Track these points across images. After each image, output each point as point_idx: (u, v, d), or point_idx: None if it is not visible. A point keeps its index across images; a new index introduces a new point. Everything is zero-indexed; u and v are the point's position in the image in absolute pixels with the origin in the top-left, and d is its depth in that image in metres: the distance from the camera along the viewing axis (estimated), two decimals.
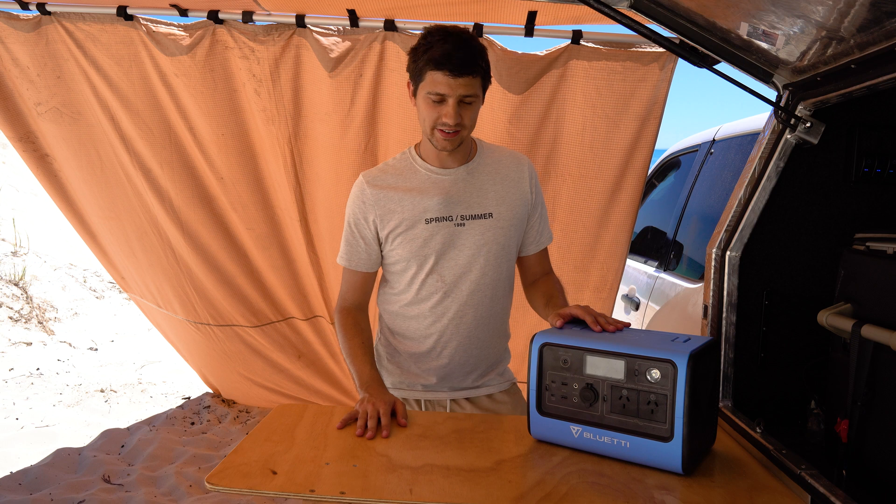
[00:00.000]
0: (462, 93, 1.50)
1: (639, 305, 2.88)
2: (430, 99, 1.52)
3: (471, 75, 1.50)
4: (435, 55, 1.48)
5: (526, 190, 1.71)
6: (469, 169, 1.67)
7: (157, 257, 3.04)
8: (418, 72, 1.53)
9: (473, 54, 1.51)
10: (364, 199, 1.66)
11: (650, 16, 1.56)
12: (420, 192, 1.63)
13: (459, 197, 1.64)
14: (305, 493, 1.17)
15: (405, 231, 1.63)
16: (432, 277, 1.65)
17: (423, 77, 1.52)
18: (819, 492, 1.14)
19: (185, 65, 2.55)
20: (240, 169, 2.75)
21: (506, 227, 1.67)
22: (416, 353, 1.71)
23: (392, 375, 1.76)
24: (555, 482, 1.21)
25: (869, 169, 1.60)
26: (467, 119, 1.55)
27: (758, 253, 1.64)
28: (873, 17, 1.14)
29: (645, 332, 1.41)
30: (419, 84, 1.55)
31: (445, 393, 1.73)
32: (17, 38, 2.60)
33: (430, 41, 1.50)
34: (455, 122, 1.52)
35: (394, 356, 1.76)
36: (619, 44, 2.39)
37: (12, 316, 5.05)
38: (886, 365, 1.34)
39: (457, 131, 1.55)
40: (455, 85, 1.49)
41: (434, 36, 1.51)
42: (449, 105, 1.51)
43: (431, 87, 1.51)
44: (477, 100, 1.56)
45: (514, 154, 1.75)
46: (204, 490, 2.83)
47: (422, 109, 1.56)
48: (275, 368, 3.41)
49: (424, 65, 1.50)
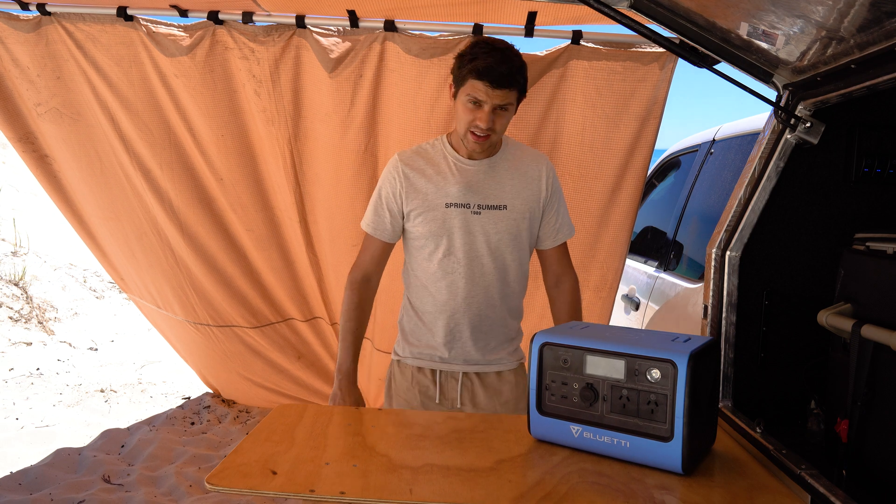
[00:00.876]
0: (497, 102, 1.67)
1: (639, 305, 2.88)
2: (467, 103, 1.69)
3: (508, 88, 1.66)
4: (479, 66, 1.63)
5: (542, 187, 1.85)
6: (491, 162, 1.82)
7: (157, 258, 3.04)
8: (461, 77, 1.69)
9: (513, 71, 1.66)
10: (397, 174, 1.82)
11: (650, 16, 1.56)
12: (444, 178, 1.80)
13: (479, 187, 1.79)
14: (305, 493, 1.17)
15: (426, 211, 1.79)
16: (449, 258, 1.81)
17: (465, 83, 1.68)
18: (819, 492, 1.14)
19: (185, 65, 2.55)
20: (239, 170, 2.75)
21: (518, 219, 1.82)
22: (432, 326, 1.85)
23: (411, 346, 1.90)
24: (555, 482, 1.21)
25: (869, 169, 1.60)
26: (499, 126, 1.72)
27: (758, 253, 1.64)
28: (873, 17, 1.14)
29: (645, 332, 1.41)
30: (460, 87, 1.70)
31: (459, 366, 1.87)
32: (17, 39, 2.60)
33: (476, 52, 1.67)
34: (487, 126, 1.69)
35: (414, 331, 1.89)
36: (619, 44, 2.39)
37: (12, 316, 5.05)
38: (886, 365, 1.34)
39: (487, 136, 1.71)
40: (492, 95, 1.65)
41: (481, 47, 1.67)
42: (484, 111, 1.68)
43: (471, 92, 1.67)
44: (511, 109, 1.73)
45: (535, 152, 1.90)
46: (204, 490, 2.83)
47: (459, 111, 1.73)
48: (274, 369, 3.41)
49: (468, 72, 1.66)
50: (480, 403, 1.87)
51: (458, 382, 1.87)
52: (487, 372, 1.89)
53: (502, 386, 1.89)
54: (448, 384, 1.87)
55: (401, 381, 1.90)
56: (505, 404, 1.89)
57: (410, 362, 1.89)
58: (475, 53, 1.66)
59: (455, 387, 1.86)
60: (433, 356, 1.87)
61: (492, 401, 1.88)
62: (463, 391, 1.87)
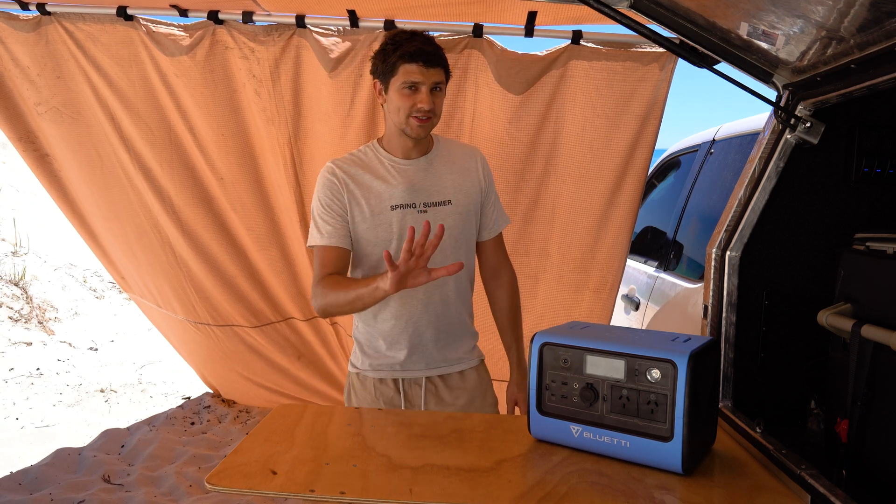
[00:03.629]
0: (434, 80, 1.68)
1: (639, 305, 2.88)
2: (404, 90, 1.68)
3: (440, 66, 1.69)
4: (408, 49, 1.66)
5: (480, 178, 1.87)
6: (429, 159, 1.81)
7: (157, 257, 3.04)
8: (390, 68, 1.69)
9: (438, 51, 1.71)
10: (336, 180, 1.76)
11: (650, 16, 1.56)
12: (385, 181, 1.77)
13: (421, 185, 1.78)
14: (305, 493, 1.17)
15: (371, 216, 1.75)
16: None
17: (396, 71, 1.68)
18: (819, 492, 1.14)
19: (185, 65, 2.55)
20: (240, 169, 2.75)
21: (463, 212, 1.82)
22: (389, 333, 1.81)
23: (370, 358, 1.85)
24: (555, 482, 1.21)
25: (869, 169, 1.60)
26: (438, 107, 1.72)
27: (758, 253, 1.64)
28: (873, 17, 1.14)
29: (645, 332, 1.41)
30: (391, 79, 1.70)
31: (421, 371, 1.84)
32: (17, 39, 2.60)
33: (398, 40, 1.69)
34: (430, 106, 1.68)
35: (370, 341, 1.85)
36: (619, 44, 2.39)
37: (12, 316, 5.05)
38: (886, 365, 1.34)
39: (429, 118, 1.70)
40: (428, 74, 1.67)
41: (400, 36, 1.70)
42: (423, 92, 1.68)
43: (406, 78, 1.67)
44: (443, 90, 1.74)
45: (467, 146, 1.94)
46: (204, 490, 2.83)
47: (395, 101, 1.71)
48: (275, 368, 3.41)
49: (397, 59, 1.67)
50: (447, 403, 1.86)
51: (421, 388, 1.84)
52: (450, 373, 1.87)
53: (466, 384, 1.88)
54: (412, 391, 1.83)
55: (363, 394, 1.85)
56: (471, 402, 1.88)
57: (371, 374, 1.84)
58: (397, 42, 1.68)
59: (419, 392, 1.84)
60: (393, 366, 1.82)
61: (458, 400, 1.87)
62: (427, 395, 1.84)
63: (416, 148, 1.78)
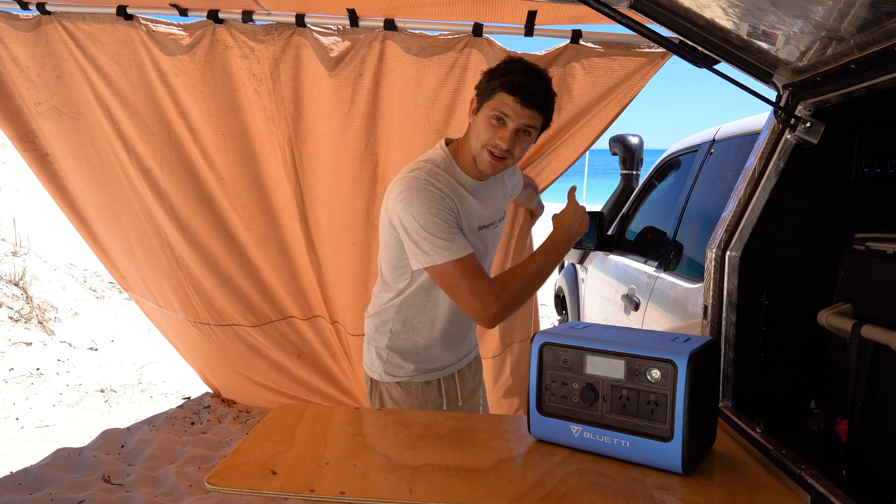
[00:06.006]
0: (524, 122, 1.58)
1: (639, 305, 2.88)
2: (491, 119, 1.59)
3: (537, 110, 1.58)
4: (513, 80, 1.56)
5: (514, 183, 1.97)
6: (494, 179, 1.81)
7: (157, 257, 3.04)
8: (490, 90, 1.59)
9: (546, 94, 1.60)
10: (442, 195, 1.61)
11: (650, 16, 1.56)
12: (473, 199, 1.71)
13: (495, 203, 1.80)
14: (305, 493, 1.17)
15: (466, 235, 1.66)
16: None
17: (493, 97, 1.58)
18: (819, 492, 1.14)
19: (185, 64, 2.55)
20: (240, 169, 2.75)
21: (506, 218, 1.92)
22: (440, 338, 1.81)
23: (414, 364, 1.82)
24: (555, 482, 1.21)
25: (869, 169, 1.60)
26: (518, 150, 1.63)
27: (758, 253, 1.64)
28: (873, 17, 1.14)
29: (645, 332, 1.41)
30: (485, 102, 1.60)
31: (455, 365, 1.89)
32: (17, 38, 2.59)
33: (511, 68, 1.59)
34: (507, 147, 1.59)
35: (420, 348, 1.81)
36: (619, 44, 2.39)
37: (12, 316, 5.05)
38: (886, 365, 1.34)
39: (504, 157, 1.62)
40: (521, 113, 1.57)
41: (516, 64, 1.61)
42: (508, 129, 1.58)
43: (497, 107, 1.57)
44: (533, 135, 1.64)
45: None
46: (204, 490, 2.83)
47: (479, 126, 1.62)
48: (275, 368, 3.41)
49: (499, 86, 1.57)
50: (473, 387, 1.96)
51: (455, 381, 1.89)
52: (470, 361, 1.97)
53: (479, 366, 2.03)
54: (449, 385, 1.88)
55: (408, 401, 1.81)
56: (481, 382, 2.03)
57: (418, 379, 1.81)
58: (510, 69, 1.58)
59: (454, 386, 1.89)
60: (444, 366, 1.85)
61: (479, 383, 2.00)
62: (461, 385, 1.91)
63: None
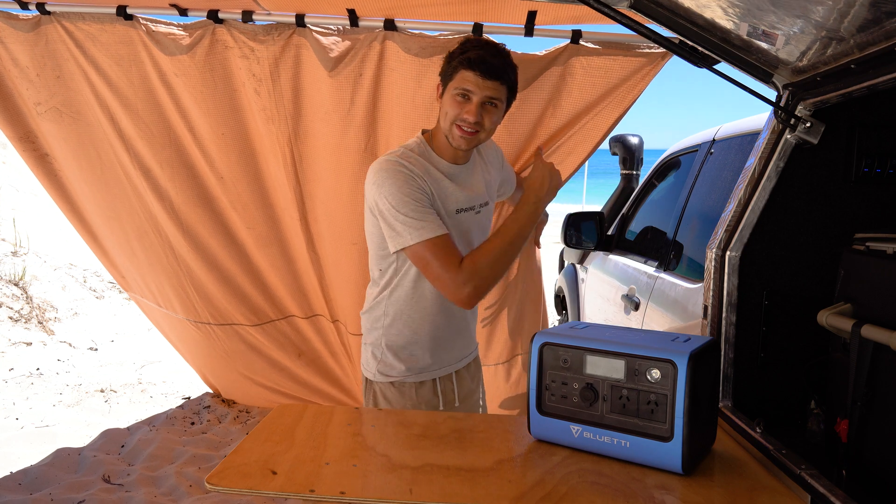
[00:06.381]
0: (488, 94, 1.62)
1: (639, 305, 2.87)
2: (456, 96, 1.64)
3: (499, 81, 1.62)
4: (470, 56, 1.61)
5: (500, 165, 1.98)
6: (473, 162, 1.84)
7: (157, 256, 3.04)
8: (451, 71, 1.65)
9: (505, 65, 1.64)
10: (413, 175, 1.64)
11: (650, 16, 1.55)
12: (449, 182, 1.74)
13: (474, 188, 1.80)
14: (305, 493, 1.17)
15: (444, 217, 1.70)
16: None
17: (454, 76, 1.64)
18: (819, 492, 1.14)
19: (185, 64, 2.55)
20: (240, 168, 2.75)
21: (493, 206, 1.91)
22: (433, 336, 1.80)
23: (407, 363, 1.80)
24: (555, 482, 1.21)
25: (869, 169, 1.60)
26: (487, 122, 1.67)
27: (758, 253, 1.64)
28: (873, 17, 1.14)
29: (645, 332, 1.41)
30: (448, 83, 1.66)
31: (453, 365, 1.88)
32: (17, 38, 2.59)
33: (467, 46, 1.64)
34: (475, 119, 1.63)
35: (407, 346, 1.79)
36: (619, 44, 2.39)
37: (12, 316, 5.05)
38: (886, 365, 1.34)
39: (475, 131, 1.66)
40: (483, 86, 1.61)
41: (472, 42, 1.66)
42: (473, 103, 1.63)
43: (460, 84, 1.62)
44: (500, 107, 1.68)
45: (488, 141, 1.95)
46: (204, 490, 2.83)
47: (446, 105, 1.67)
48: (275, 367, 3.41)
49: (458, 64, 1.62)
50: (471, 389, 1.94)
51: (453, 382, 1.88)
52: (469, 363, 1.95)
53: (478, 367, 2.00)
54: (445, 386, 1.86)
55: (402, 402, 1.81)
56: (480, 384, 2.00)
57: (412, 379, 1.80)
58: (466, 47, 1.64)
59: (451, 387, 1.87)
60: (437, 366, 1.83)
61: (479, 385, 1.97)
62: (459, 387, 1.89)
63: (464, 154, 1.78)
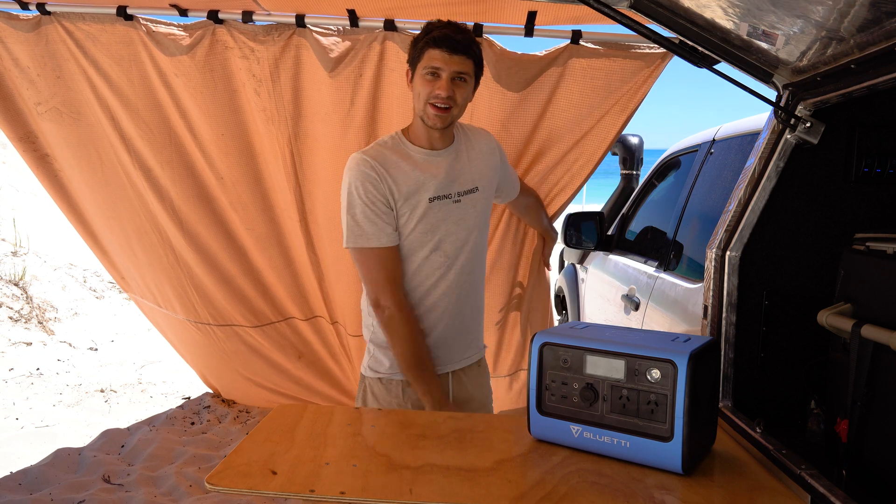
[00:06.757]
0: (456, 69, 1.65)
1: (639, 305, 2.87)
2: (426, 75, 1.67)
3: (465, 55, 1.66)
4: (435, 35, 1.65)
5: (497, 159, 1.93)
6: (455, 148, 1.82)
7: (157, 257, 3.04)
8: (417, 53, 1.68)
9: (469, 40, 1.68)
10: (375, 174, 1.70)
11: (650, 16, 1.56)
12: (420, 172, 1.74)
13: (454, 175, 1.78)
14: (305, 493, 1.17)
15: (412, 210, 1.72)
16: (437, 254, 1.77)
17: (422, 57, 1.67)
18: (819, 492, 1.14)
19: (185, 65, 2.55)
20: (240, 169, 2.75)
21: (487, 197, 1.87)
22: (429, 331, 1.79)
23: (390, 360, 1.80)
24: (555, 482, 1.21)
25: (869, 169, 1.60)
26: (459, 97, 1.69)
27: (758, 253, 1.64)
28: (873, 17, 1.14)
29: (645, 332, 1.41)
30: (417, 65, 1.69)
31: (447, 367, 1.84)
32: (17, 38, 2.59)
33: (431, 27, 1.68)
34: (447, 93, 1.65)
35: None
36: (619, 44, 2.39)
37: (12, 316, 5.05)
38: (886, 365, 1.34)
39: (448, 107, 1.67)
40: (450, 61, 1.65)
41: (434, 24, 1.70)
42: (443, 79, 1.66)
43: (428, 63, 1.66)
44: (469, 81, 1.71)
45: (480, 130, 1.97)
46: (204, 490, 2.83)
47: (417, 87, 1.70)
48: (275, 368, 3.41)
49: (424, 45, 1.66)
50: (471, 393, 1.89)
51: (449, 383, 1.84)
52: (470, 365, 1.90)
53: (482, 371, 1.95)
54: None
55: (388, 399, 1.80)
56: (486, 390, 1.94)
57: (399, 377, 1.79)
58: (429, 28, 1.69)
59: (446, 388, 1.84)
60: None
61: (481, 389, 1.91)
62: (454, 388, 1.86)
63: (441, 139, 1.77)
